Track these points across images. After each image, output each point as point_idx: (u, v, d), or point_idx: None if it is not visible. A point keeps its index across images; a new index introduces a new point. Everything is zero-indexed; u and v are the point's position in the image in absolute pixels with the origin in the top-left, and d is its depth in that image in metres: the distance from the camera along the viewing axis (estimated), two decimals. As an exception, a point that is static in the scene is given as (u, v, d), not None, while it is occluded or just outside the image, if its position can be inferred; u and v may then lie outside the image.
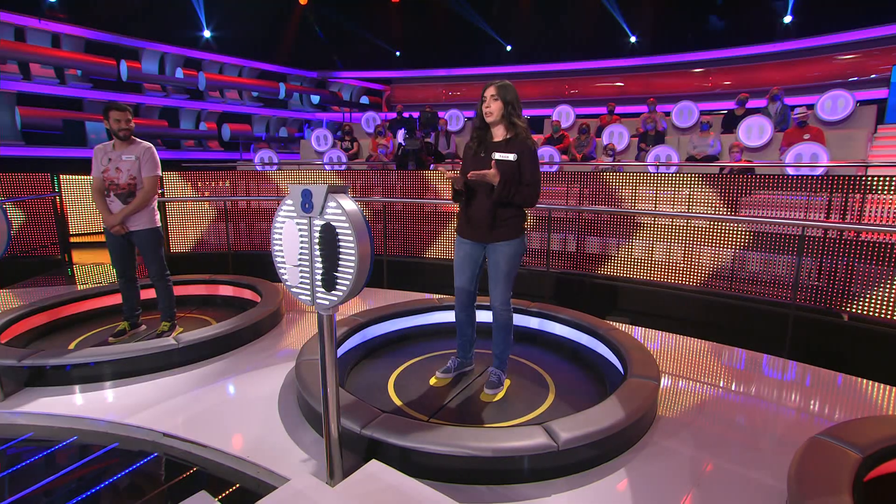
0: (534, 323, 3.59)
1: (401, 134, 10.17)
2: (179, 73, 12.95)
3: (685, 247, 4.21)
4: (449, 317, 3.73)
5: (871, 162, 6.28)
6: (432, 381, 2.84)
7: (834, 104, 7.20)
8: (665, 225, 4.32)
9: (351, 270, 1.51)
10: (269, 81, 14.87)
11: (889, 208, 3.13)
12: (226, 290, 4.53)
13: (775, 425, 2.41)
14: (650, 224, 4.39)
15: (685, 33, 12.77)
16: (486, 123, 2.54)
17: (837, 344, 3.48)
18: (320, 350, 1.70)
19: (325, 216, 1.55)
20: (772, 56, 10.70)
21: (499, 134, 2.55)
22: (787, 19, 10.97)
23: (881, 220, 3.23)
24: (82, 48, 11.38)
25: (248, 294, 4.36)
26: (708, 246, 4.05)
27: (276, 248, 1.69)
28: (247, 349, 3.31)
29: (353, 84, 16.92)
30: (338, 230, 1.52)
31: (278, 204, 1.59)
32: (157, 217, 3.43)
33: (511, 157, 2.47)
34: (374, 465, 1.86)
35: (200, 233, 5.87)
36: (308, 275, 1.62)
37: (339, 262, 1.53)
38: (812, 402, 2.73)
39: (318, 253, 1.58)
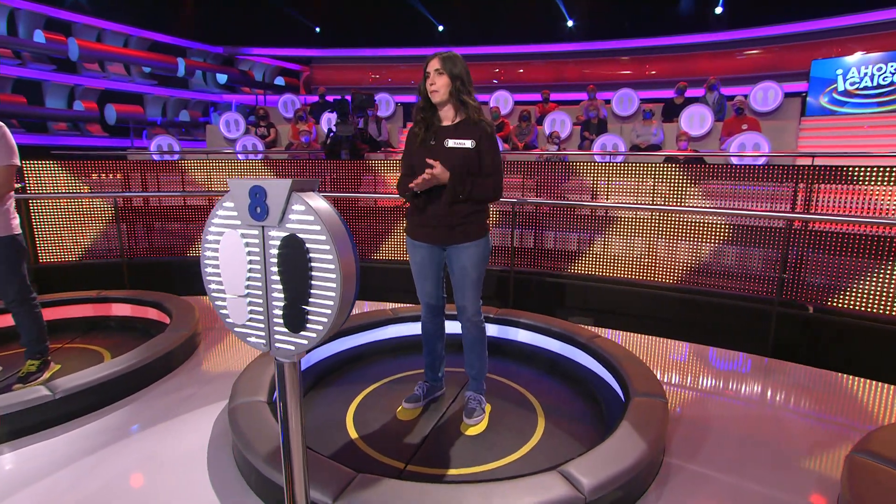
0: (500, 332, 3.34)
1: (325, 119, 9.54)
2: (40, 36, 10.93)
3: (653, 241, 4.17)
4: (406, 330, 3.41)
5: (800, 152, 6.77)
6: (399, 412, 2.51)
7: (765, 95, 7.72)
8: (631, 218, 4.25)
9: (330, 302, 1.10)
10: (164, 55, 13.26)
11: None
12: (121, 310, 3.80)
13: (790, 436, 2.32)
14: (619, 218, 4.30)
15: (622, 20, 13.24)
16: (431, 104, 2.24)
17: (808, 337, 3.57)
18: (281, 408, 1.26)
19: (289, 224, 1.11)
20: (706, 46, 11.40)
21: (448, 116, 2.26)
22: (718, 10, 11.76)
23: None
24: None
25: (151, 313, 3.68)
26: (679, 240, 4.03)
27: (210, 270, 1.22)
28: (155, 391, 2.69)
29: (267, 63, 15.69)
30: (308, 244, 1.10)
31: (185, 200, 1.12)
32: (16, 221, 2.67)
33: (468, 143, 2.19)
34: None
35: (83, 238, 4.93)
36: (262, 310, 1.18)
37: (312, 290, 1.11)
38: (817, 405, 2.72)
39: (277, 278, 1.14)
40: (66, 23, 11.58)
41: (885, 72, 7.27)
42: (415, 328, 3.32)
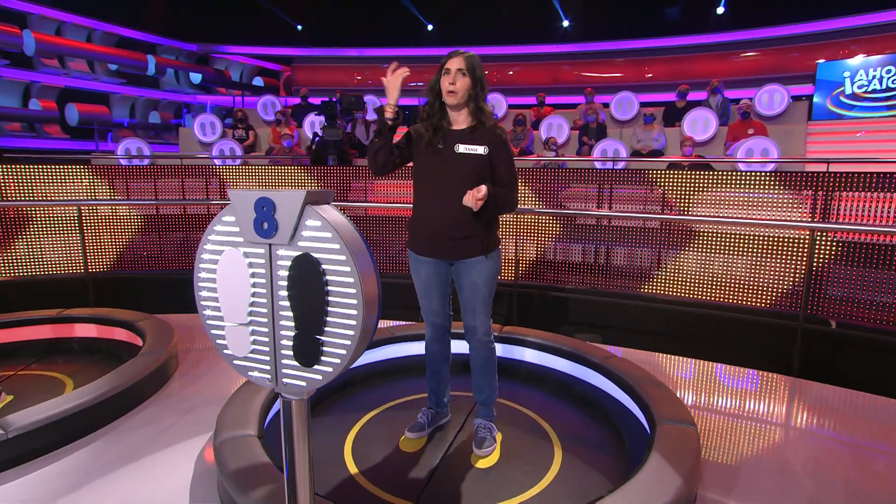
0: (505, 351, 3.27)
1: (308, 123, 9.44)
2: (-11, 27, 10.58)
3: (665, 252, 4.13)
4: (406, 350, 3.33)
5: (813, 157, 6.86)
6: (403, 443, 2.42)
7: (771, 98, 7.83)
8: (641, 228, 4.22)
9: (350, 331, 1.00)
10: (132, 52, 13.01)
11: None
12: (85, 331, 3.64)
13: (833, 466, 2.26)
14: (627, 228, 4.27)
15: (620, 20, 13.41)
16: (441, 105, 2.22)
17: (832, 355, 3.55)
18: (287, 450, 1.16)
19: (301, 242, 1.02)
20: (707, 47, 11.58)
21: (460, 120, 2.23)
22: (720, 10, 11.98)
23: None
24: None
25: (121, 334, 3.52)
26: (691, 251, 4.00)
27: (205, 294, 1.11)
28: (126, 424, 2.53)
29: (244, 62, 15.55)
30: (324, 265, 1.00)
31: (157, 209, 1.01)
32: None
33: (480, 149, 2.17)
34: None
35: (41, 250, 4.73)
36: (268, 340, 1.07)
37: (328, 318, 1.01)
38: (854, 430, 2.67)
39: (286, 304, 1.04)
40: (21, 14, 11.21)
41: (893, 74, 7.43)
42: (415, 348, 3.23)
